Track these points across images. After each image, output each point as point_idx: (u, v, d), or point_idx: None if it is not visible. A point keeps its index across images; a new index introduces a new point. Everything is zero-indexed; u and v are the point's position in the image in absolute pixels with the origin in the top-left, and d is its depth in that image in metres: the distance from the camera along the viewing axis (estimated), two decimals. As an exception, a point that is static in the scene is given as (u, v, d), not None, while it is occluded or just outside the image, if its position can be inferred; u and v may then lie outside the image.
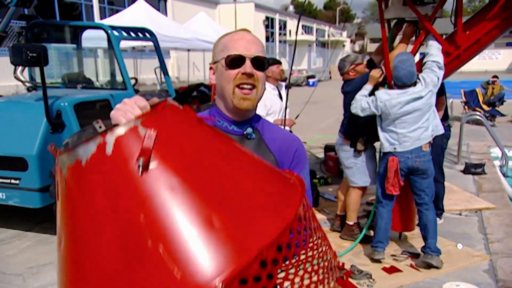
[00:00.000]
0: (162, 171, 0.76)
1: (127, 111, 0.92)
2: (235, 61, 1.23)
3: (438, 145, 4.17)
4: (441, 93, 4.28)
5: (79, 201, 0.79)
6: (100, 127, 0.95)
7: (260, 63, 1.25)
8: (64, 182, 0.81)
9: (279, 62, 4.32)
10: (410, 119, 3.34)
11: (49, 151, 0.87)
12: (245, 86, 1.24)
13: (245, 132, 1.30)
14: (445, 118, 4.28)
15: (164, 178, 0.75)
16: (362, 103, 3.51)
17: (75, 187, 0.80)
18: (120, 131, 0.77)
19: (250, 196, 0.82)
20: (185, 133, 0.83)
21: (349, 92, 3.85)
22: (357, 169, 3.88)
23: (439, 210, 4.36)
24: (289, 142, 1.36)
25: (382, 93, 3.41)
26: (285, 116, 4.40)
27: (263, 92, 1.30)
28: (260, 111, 4.35)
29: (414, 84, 3.36)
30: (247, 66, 1.23)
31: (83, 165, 0.77)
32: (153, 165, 0.75)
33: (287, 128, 4.07)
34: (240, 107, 1.25)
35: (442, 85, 4.27)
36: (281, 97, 4.25)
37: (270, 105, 4.18)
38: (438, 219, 4.35)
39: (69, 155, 0.80)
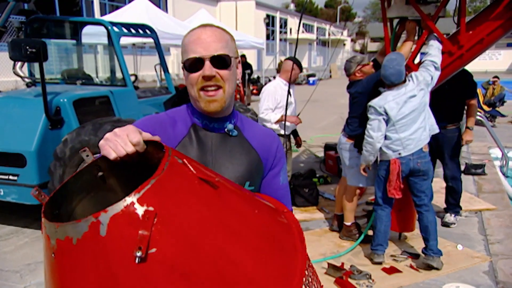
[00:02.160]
0: (161, 257, 0.71)
1: (118, 145, 0.87)
2: (194, 64, 1.17)
3: (457, 143, 4.23)
4: (472, 95, 4.25)
5: (68, 275, 0.75)
6: (87, 156, 0.92)
7: (222, 61, 1.18)
8: (52, 252, 0.77)
9: (302, 68, 4.40)
10: (408, 121, 3.31)
11: (33, 195, 0.81)
12: (208, 88, 1.18)
13: (226, 129, 1.27)
14: (459, 119, 4.31)
15: (163, 265, 0.71)
16: (371, 126, 3.37)
17: (64, 263, 0.75)
18: (115, 210, 0.70)
19: (252, 280, 0.79)
20: (186, 205, 0.77)
21: (355, 93, 3.83)
22: (358, 170, 3.86)
23: (459, 207, 4.39)
24: (269, 138, 1.35)
25: (377, 100, 3.38)
26: (285, 114, 4.38)
27: (233, 90, 1.24)
28: (269, 104, 4.35)
29: (404, 82, 3.34)
30: (206, 69, 1.16)
31: (74, 243, 0.72)
32: (152, 250, 0.71)
33: (289, 125, 4.10)
34: (208, 110, 1.20)
35: (474, 86, 4.21)
36: (289, 94, 4.30)
37: (280, 99, 4.22)
38: (458, 217, 4.37)
39: (58, 229, 0.74)
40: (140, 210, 0.71)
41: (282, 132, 4.25)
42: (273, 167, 1.34)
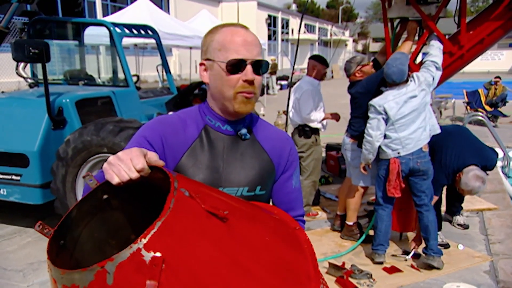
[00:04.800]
0: None
1: (121, 170, 0.85)
2: (236, 66, 1.15)
3: None
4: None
5: None
6: (91, 180, 0.91)
7: (261, 67, 1.17)
8: None
9: (328, 65, 4.46)
10: (408, 121, 3.32)
11: (37, 230, 0.81)
12: (246, 93, 1.17)
13: (239, 133, 1.25)
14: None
15: None
16: (370, 125, 3.40)
17: None
18: (121, 258, 0.68)
19: None
20: (194, 246, 0.75)
21: (355, 93, 3.84)
22: None
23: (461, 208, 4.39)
24: (282, 141, 1.32)
25: (377, 99, 3.39)
26: (286, 116, 4.40)
27: (259, 95, 1.25)
28: (311, 104, 4.20)
29: (406, 81, 3.35)
30: (249, 73, 1.15)
31: None
32: None
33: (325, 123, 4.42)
34: (241, 111, 1.18)
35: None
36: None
37: (317, 98, 4.28)
38: (459, 216, 4.33)
39: (64, 275, 0.72)
40: (147, 256, 0.68)
41: (323, 130, 4.51)
42: (285, 171, 1.32)
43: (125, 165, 0.85)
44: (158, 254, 0.69)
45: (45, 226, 0.81)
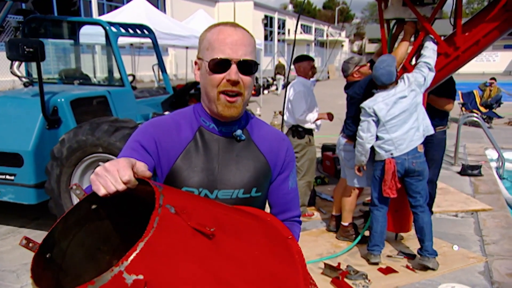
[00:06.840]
0: None
1: (108, 181, 0.84)
2: (219, 65, 1.12)
3: (442, 146, 4.16)
4: (449, 94, 4.10)
5: None
6: (78, 192, 0.89)
7: (248, 67, 1.14)
8: None
9: (312, 59, 4.39)
10: (399, 122, 3.33)
11: (22, 246, 0.80)
12: (229, 93, 1.14)
13: (234, 134, 1.23)
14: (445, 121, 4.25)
15: None
16: (361, 127, 3.44)
17: None
18: (102, 281, 0.66)
19: None
20: (179, 266, 0.73)
21: (353, 93, 3.84)
22: None
23: (431, 211, 4.31)
24: (278, 141, 1.30)
25: (367, 102, 3.41)
26: (282, 116, 4.39)
27: (250, 96, 1.20)
28: (304, 105, 4.19)
29: (396, 83, 3.36)
30: (233, 72, 1.12)
31: None
32: None
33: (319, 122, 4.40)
34: (225, 114, 1.16)
35: (452, 87, 4.09)
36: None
37: (310, 99, 4.25)
38: None
39: None
40: (129, 279, 0.67)
41: (316, 130, 4.49)
42: (281, 172, 1.30)
43: (111, 177, 0.84)
44: (140, 277, 0.67)
45: (30, 240, 0.80)
